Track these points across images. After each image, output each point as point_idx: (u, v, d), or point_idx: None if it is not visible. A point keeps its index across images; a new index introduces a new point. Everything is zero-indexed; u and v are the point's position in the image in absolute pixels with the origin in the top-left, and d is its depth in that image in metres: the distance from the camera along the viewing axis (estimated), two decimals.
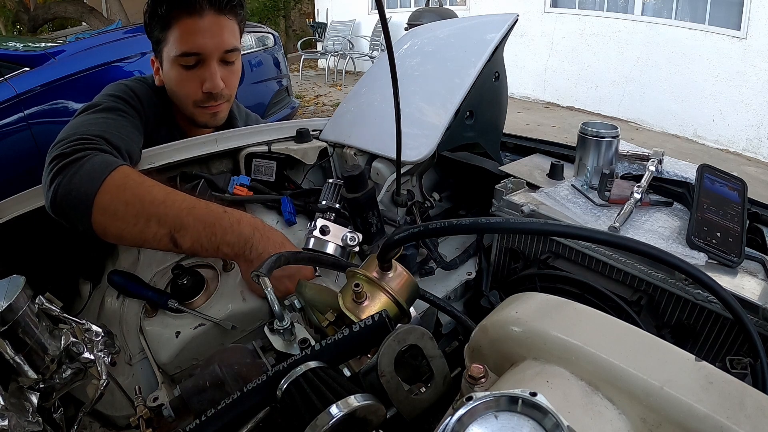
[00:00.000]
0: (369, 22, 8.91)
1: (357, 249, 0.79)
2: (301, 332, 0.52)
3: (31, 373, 0.51)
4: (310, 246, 0.77)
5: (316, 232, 0.77)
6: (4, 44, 2.68)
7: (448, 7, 6.32)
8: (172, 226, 0.69)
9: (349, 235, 0.77)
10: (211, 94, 1.01)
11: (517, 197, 0.84)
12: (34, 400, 0.50)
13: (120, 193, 0.69)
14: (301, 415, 0.37)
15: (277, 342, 0.51)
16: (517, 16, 0.94)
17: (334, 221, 0.82)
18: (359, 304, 0.50)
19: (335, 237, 0.77)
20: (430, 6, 4.68)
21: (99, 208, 0.68)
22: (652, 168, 0.81)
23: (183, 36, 0.96)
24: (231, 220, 0.71)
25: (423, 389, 0.43)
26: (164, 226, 0.69)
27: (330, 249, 0.77)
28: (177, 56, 0.97)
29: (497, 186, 0.86)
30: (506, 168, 0.94)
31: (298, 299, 0.56)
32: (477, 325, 0.44)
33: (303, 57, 8.96)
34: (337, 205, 0.84)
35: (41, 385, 0.52)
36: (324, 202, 0.85)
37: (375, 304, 0.51)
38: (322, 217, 0.81)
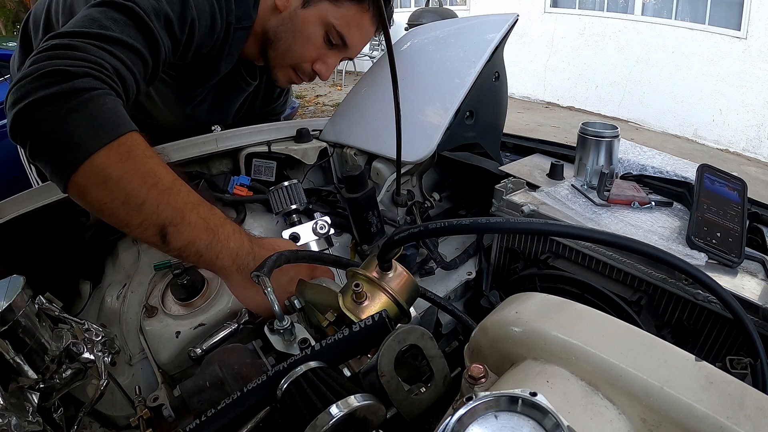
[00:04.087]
0: None
1: (332, 232, 0.78)
2: (301, 332, 0.52)
3: (31, 373, 0.51)
4: None
5: None
6: (4, 44, 2.68)
7: (448, 7, 6.33)
8: (168, 218, 0.59)
9: (319, 223, 0.76)
10: (312, 74, 1.01)
11: (517, 197, 0.84)
12: (34, 400, 0.50)
13: (120, 162, 0.57)
14: (301, 415, 0.37)
15: (277, 342, 0.51)
16: (517, 16, 0.94)
17: (300, 222, 0.81)
18: (359, 304, 0.50)
19: (308, 236, 0.77)
20: (430, 6, 4.68)
21: (87, 169, 0.56)
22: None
23: (351, 22, 0.94)
24: (233, 227, 0.65)
25: (423, 389, 0.43)
26: (157, 216, 0.58)
27: (313, 248, 0.78)
28: (332, 25, 0.93)
29: (497, 186, 0.86)
30: (506, 168, 0.94)
31: (298, 299, 0.56)
32: (477, 325, 0.44)
33: None
34: (294, 206, 0.82)
35: (41, 385, 0.52)
36: (281, 209, 0.82)
37: (375, 304, 0.51)
38: (288, 228, 0.79)
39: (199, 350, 0.53)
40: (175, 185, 0.61)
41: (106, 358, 0.58)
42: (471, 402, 0.29)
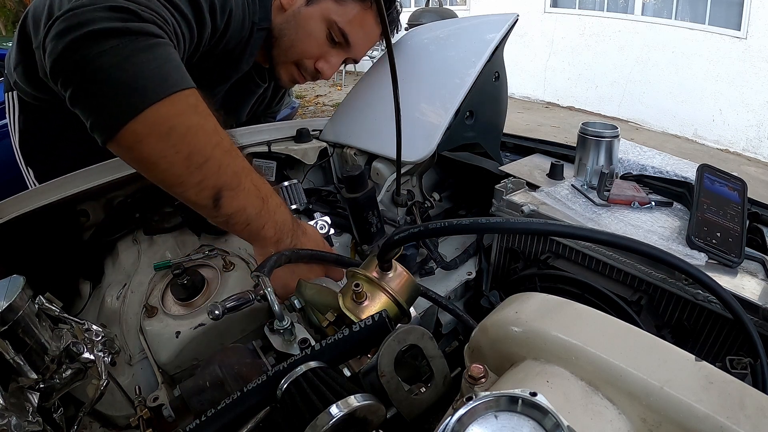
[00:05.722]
0: None
1: (332, 232, 0.78)
2: (301, 332, 0.52)
3: (31, 373, 0.51)
4: None
5: None
6: (4, 44, 2.68)
7: (448, 7, 6.32)
8: (226, 181, 0.56)
9: (319, 223, 0.76)
10: (315, 73, 1.01)
11: (517, 197, 0.84)
12: (34, 400, 0.50)
13: (188, 114, 0.53)
14: (301, 415, 0.37)
15: (277, 342, 0.51)
16: (517, 16, 0.94)
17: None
18: (359, 304, 0.50)
19: None
20: (430, 6, 4.68)
21: (151, 117, 0.50)
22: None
23: (354, 20, 0.94)
24: (280, 201, 0.64)
25: (423, 389, 0.43)
26: (217, 177, 0.55)
27: None
28: (334, 22, 0.93)
29: (497, 186, 0.86)
30: (506, 168, 0.94)
31: (298, 299, 0.56)
32: (477, 325, 0.45)
33: None
34: (294, 206, 0.82)
35: (41, 385, 0.52)
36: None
37: (375, 304, 0.51)
38: None
39: (218, 311, 0.51)
40: (234, 148, 0.57)
41: (106, 358, 0.58)
42: (471, 402, 0.29)
